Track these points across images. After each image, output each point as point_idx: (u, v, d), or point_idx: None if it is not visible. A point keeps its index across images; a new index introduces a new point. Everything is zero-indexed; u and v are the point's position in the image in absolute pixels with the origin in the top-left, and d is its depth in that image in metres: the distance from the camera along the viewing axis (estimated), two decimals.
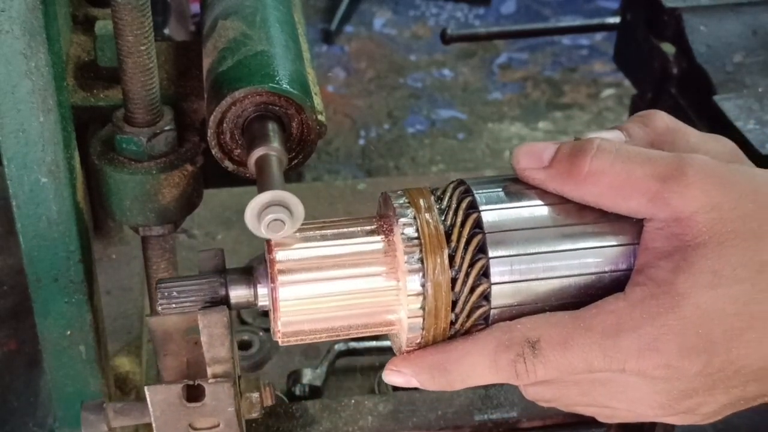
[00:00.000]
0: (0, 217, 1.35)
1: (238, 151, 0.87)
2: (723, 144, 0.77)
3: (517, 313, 0.74)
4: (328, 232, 0.76)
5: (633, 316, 0.70)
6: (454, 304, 0.73)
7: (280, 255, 0.74)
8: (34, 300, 0.97)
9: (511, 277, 0.73)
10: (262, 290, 0.76)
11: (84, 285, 0.97)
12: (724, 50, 1.31)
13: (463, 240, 0.73)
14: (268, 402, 0.89)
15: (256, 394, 0.89)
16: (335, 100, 3.40)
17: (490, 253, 0.72)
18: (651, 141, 0.77)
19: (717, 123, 1.22)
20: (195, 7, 2.51)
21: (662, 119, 0.78)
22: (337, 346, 1.31)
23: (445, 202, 0.75)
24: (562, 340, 0.71)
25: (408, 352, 0.76)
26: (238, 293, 0.77)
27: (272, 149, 0.79)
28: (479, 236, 0.73)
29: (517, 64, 3.62)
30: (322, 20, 3.75)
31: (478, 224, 0.73)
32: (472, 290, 0.73)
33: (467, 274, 0.73)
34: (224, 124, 0.85)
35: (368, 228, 0.76)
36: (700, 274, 0.69)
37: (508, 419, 1.17)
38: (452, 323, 0.74)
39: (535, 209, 0.74)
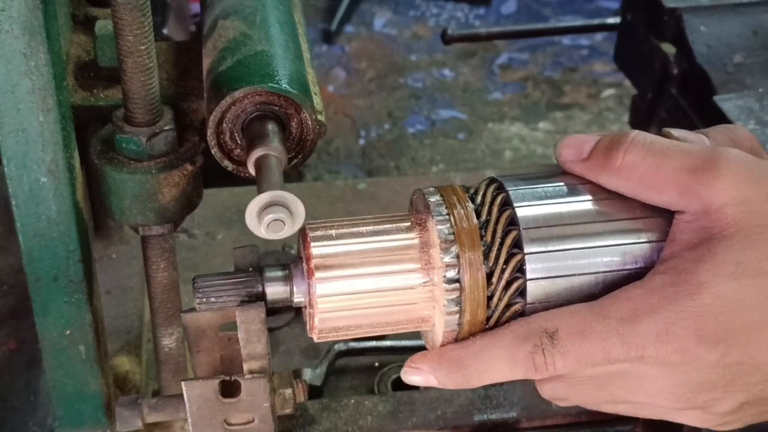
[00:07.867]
0: (0, 216, 1.35)
1: (238, 150, 0.87)
2: None
3: (553, 309, 0.73)
4: (363, 228, 0.76)
5: (651, 301, 0.70)
6: (490, 300, 0.74)
7: (316, 251, 0.74)
8: (34, 299, 0.97)
9: (547, 273, 0.73)
10: (299, 287, 0.77)
11: (84, 284, 0.97)
12: (725, 50, 1.31)
13: (498, 236, 0.73)
14: (301, 398, 0.91)
15: (289, 390, 0.90)
16: (335, 100, 3.40)
17: (526, 249, 0.73)
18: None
19: (717, 123, 1.22)
20: (195, 7, 2.51)
21: (746, 132, 0.78)
22: (336, 346, 1.31)
23: (478, 199, 0.76)
24: (580, 329, 0.70)
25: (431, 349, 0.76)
26: (274, 290, 0.78)
27: (272, 149, 0.79)
28: (514, 232, 0.73)
29: (518, 64, 3.61)
30: (322, 20, 3.75)
31: (513, 221, 0.74)
32: (507, 286, 0.73)
33: (503, 270, 0.73)
34: (224, 124, 0.85)
35: (403, 225, 0.77)
36: (723, 265, 0.68)
37: (508, 419, 1.17)
38: (488, 319, 0.74)
39: (571, 206, 0.75)
